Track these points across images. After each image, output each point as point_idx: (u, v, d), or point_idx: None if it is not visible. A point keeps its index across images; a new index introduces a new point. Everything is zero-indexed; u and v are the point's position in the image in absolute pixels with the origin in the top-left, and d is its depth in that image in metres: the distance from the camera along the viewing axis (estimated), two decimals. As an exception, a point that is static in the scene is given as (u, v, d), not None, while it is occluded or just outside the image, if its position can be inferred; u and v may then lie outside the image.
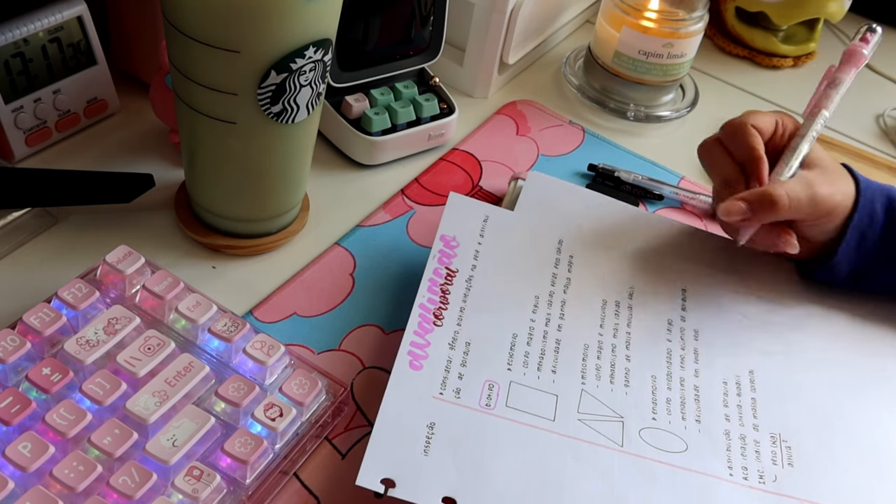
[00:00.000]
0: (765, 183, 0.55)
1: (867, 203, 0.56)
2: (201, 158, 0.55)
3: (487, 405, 0.48)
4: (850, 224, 0.56)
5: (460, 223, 0.59)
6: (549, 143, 0.74)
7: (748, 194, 0.54)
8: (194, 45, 0.48)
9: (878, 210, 0.56)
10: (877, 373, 0.56)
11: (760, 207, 0.53)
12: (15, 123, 0.60)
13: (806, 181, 0.55)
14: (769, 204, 0.53)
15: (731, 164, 0.56)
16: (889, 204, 0.57)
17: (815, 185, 0.54)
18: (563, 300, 0.56)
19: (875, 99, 0.87)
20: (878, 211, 0.56)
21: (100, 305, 0.50)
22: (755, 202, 0.53)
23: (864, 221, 0.56)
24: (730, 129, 0.56)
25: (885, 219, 0.57)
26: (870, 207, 0.56)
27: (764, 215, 0.53)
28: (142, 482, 0.42)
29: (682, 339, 0.56)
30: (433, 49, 0.69)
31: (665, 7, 0.74)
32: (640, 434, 0.49)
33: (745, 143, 0.55)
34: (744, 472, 0.48)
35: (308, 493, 0.47)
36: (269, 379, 0.49)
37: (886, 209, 0.57)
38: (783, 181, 0.55)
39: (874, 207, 0.56)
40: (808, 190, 0.54)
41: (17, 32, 0.59)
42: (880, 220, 0.56)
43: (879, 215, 0.56)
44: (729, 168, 0.56)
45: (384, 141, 0.66)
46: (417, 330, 0.51)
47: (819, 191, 0.54)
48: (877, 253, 0.57)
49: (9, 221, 0.57)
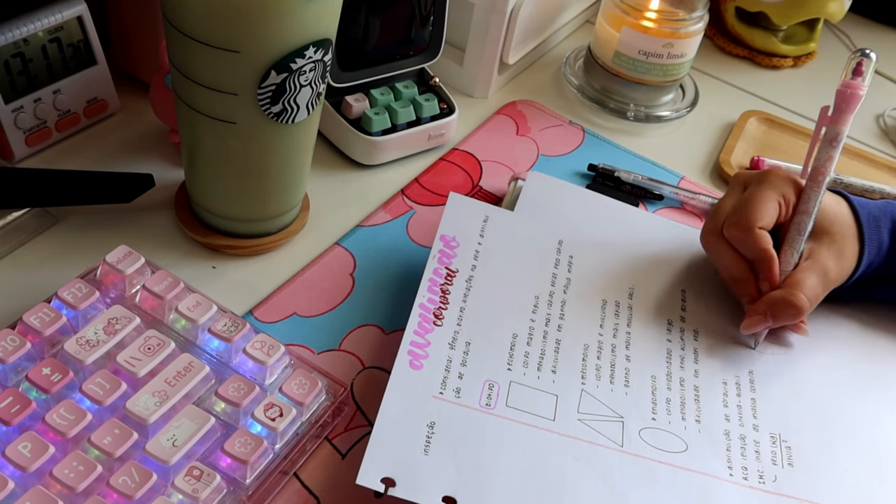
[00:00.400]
0: (776, 281, 0.54)
1: (873, 235, 0.56)
2: (201, 158, 0.55)
3: (487, 405, 0.48)
4: (860, 264, 0.55)
5: (460, 223, 0.59)
6: (549, 143, 0.74)
7: (767, 305, 0.53)
8: (194, 45, 0.48)
9: (885, 237, 0.56)
10: (877, 373, 0.56)
11: (783, 315, 0.53)
12: (15, 123, 0.60)
13: (818, 270, 0.54)
14: (792, 313, 0.53)
15: (740, 263, 0.55)
16: (894, 228, 0.56)
17: (828, 270, 0.54)
18: (563, 300, 0.56)
19: (875, 99, 0.87)
20: (885, 238, 0.56)
21: (100, 305, 0.50)
22: (777, 311, 0.53)
23: (873, 253, 0.56)
24: (736, 232, 0.54)
25: (890, 242, 0.56)
26: (877, 238, 0.56)
27: (786, 321, 0.54)
28: (142, 482, 0.42)
29: (682, 339, 0.56)
30: (433, 49, 0.69)
31: (665, 7, 0.74)
32: (640, 434, 0.49)
33: (755, 247, 0.54)
34: (744, 472, 0.48)
35: (308, 493, 0.47)
36: (269, 379, 0.49)
37: (892, 233, 0.56)
38: (799, 281, 0.53)
39: (881, 237, 0.56)
40: (823, 280, 0.54)
41: (17, 32, 0.59)
42: (886, 244, 0.56)
43: (885, 241, 0.56)
44: (737, 267, 0.55)
45: (384, 141, 0.66)
46: (417, 330, 0.51)
47: (832, 274, 0.54)
48: (879, 273, 0.57)
49: (9, 221, 0.57)
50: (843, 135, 0.56)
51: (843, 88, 0.55)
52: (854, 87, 0.55)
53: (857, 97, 0.55)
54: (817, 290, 0.54)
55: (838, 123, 0.56)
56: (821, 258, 0.54)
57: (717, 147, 0.77)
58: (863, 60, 0.56)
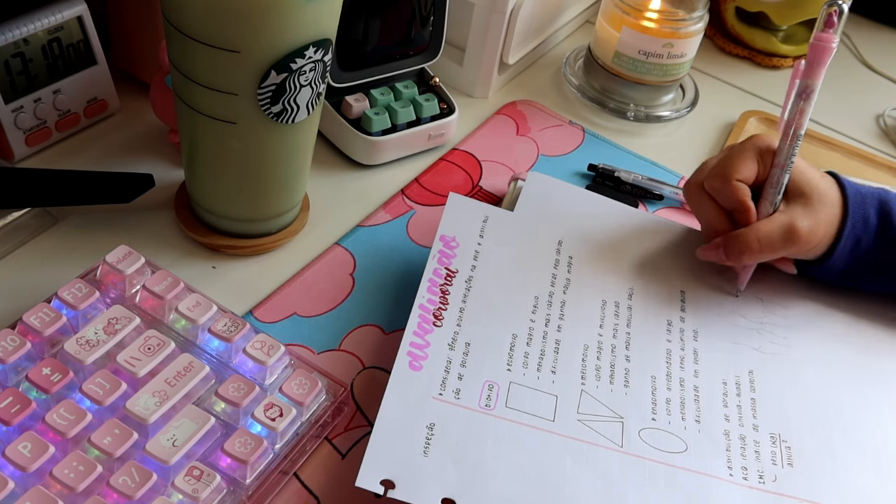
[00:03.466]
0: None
1: (858, 209, 0.57)
2: (201, 158, 0.55)
3: (487, 406, 0.48)
4: (844, 232, 0.56)
5: (460, 223, 0.59)
6: (549, 143, 0.74)
7: (724, 238, 0.56)
8: (194, 45, 0.48)
9: (872, 215, 0.57)
10: (877, 373, 0.56)
11: (732, 250, 0.56)
12: (15, 123, 0.60)
13: (782, 221, 0.55)
14: (739, 248, 0.55)
15: (719, 213, 0.57)
16: (881, 207, 0.57)
17: (796, 222, 0.55)
18: (562, 301, 0.56)
19: (875, 99, 0.87)
20: (872, 216, 0.57)
21: (100, 305, 0.50)
22: (728, 244, 0.56)
23: (858, 227, 0.56)
24: (715, 183, 0.56)
25: (878, 223, 0.57)
26: (862, 213, 0.57)
27: (735, 258, 0.56)
28: (142, 482, 0.42)
29: (682, 339, 0.56)
30: (433, 49, 0.69)
31: (665, 7, 0.74)
32: (640, 434, 0.49)
33: (732, 196, 0.56)
34: (743, 472, 0.48)
35: (308, 493, 0.47)
36: (269, 379, 0.49)
37: (880, 213, 0.57)
38: (759, 225, 0.55)
39: (867, 212, 0.57)
40: (785, 231, 0.55)
41: (17, 32, 0.59)
42: (874, 224, 0.57)
43: (873, 220, 0.57)
44: (716, 216, 0.58)
45: (384, 141, 0.66)
46: (417, 330, 0.51)
47: (799, 227, 0.55)
48: (871, 256, 0.57)
49: (9, 221, 0.57)
50: (816, 89, 0.56)
51: (815, 42, 0.55)
52: (825, 41, 0.55)
53: (828, 50, 0.55)
54: (773, 237, 0.55)
55: (810, 77, 0.56)
56: (791, 213, 0.56)
57: (717, 147, 0.77)
58: (833, 11, 0.55)
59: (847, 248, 0.56)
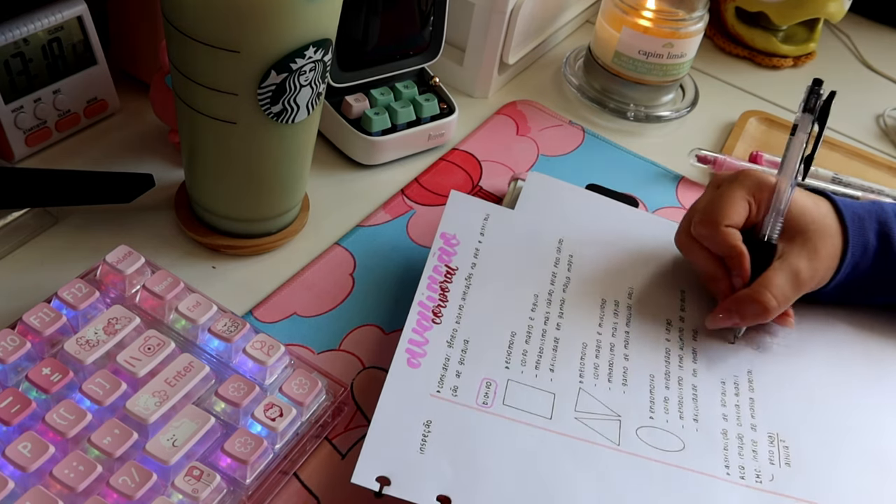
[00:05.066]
0: (747, 277, 0.54)
1: (858, 236, 0.55)
2: (201, 158, 0.55)
3: (484, 403, 0.48)
4: (844, 263, 0.55)
5: (461, 221, 0.59)
6: (549, 143, 0.74)
7: (733, 302, 0.54)
8: (194, 45, 0.48)
9: (871, 239, 0.55)
10: (874, 373, 0.56)
11: (750, 314, 0.53)
12: (15, 123, 0.60)
13: (788, 270, 0.53)
14: (759, 311, 0.53)
15: (712, 261, 0.55)
16: (881, 229, 0.56)
17: (799, 271, 0.53)
18: (562, 299, 0.56)
19: (875, 99, 0.87)
20: (871, 240, 0.55)
21: (100, 305, 0.50)
22: (743, 309, 0.53)
23: (858, 254, 0.55)
24: (703, 230, 0.55)
25: (878, 245, 0.56)
26: (862, 239, 0.55)
27: (754, 319, 0.54)
28: (142, 482, 0.42)
29: (681, 338, 0.56)
30: (433, 49, 0.70)
31: (665, 7, 0.74)
32: (638, 433, 0.49)
33: (722, 243, 0.54)
34: (741, 472, 0.48)
35: (308, 493, 0.47)
36: (269, 379, 0.49)
37: (879, 235, 0.56)
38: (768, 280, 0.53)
39: (866, 238, 0.55)
40: (792, 280, 0.53)
41: (17, 32, 0.59)
42: (873, 247, 0.55)
43: (872, 243, 0.55)
44: (709, 265, 0.56)
45: (384, 141, 0.66)
46: (416, 328, 0.51)
47: (803, 274, 0.53)
48: (867, 276, 0.56)
49: (9, 221, 0.57)
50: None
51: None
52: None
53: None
54: (786, 290, 0.53)
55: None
56: (791, 258, 0.54)
57: (717, 147, 0.77)
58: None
59: (844, 275, 0.56)
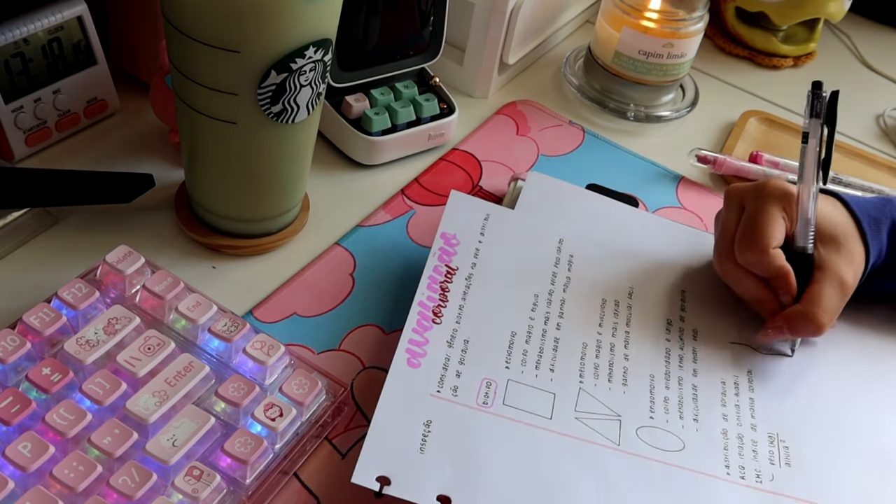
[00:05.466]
0: (794, 293, 0.54)
1: (875, 239, 0.55)
2: (201, 158, 0.55)
3: (484, 403, 0.48)
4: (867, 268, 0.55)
5: (461, 221, 0.59)
6: (549, 143, 0.74)
7: (785, 320, 0.53)
8: (194, 45, 0.48)
9: (884, 239, 0.56)
10: (875, 373, 0.56)
11: (803, 331, 0.53)
12: (15, 123, 0.60)
13: (834, 280, 0.53)
14: (813, 329, 0.53)
15: (759, 285, 0.55)
16: (893, 228, 0.56)
17: (844, 278, 0.53)
18: (562, 299, 0.56)
19: (875, 99, 0.87)
20: (884, 240, 0.56)
21: (100, 305, 0.50)
22: (796, 327, 0.53)
23: (874, 255, 0.56)
24: (751, 258, 0.54)
25: (889, 244, 0.56)
26: (878, 242, 0.56)
27: (807, 335, 0.54)
28: (142, 482, 0.42)
29: (681, 339, 0.56)
30: (433, 49, 0.70)
31: (665, 7, 0.74)
32: (638, 433, 0.49)
33: (770, 267, 0.54)
34: (741, 472, 0.48)
35: (308, 493, 0.47)
36: (269, 379, 0.49)
37: (890, 233, 0.56)
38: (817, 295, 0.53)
39: (881, 240, 0.56)
40: (840, 290, 0.53)
41: (17, 32, 0.59)
42: (885, 245, 0.56)
43: (885, 242, 0.56)
44: (758, 289, 0.55)
45: (384, 141, 0.66)
46: (416, 328, 0.51)
47: (848, 281, 0.53)
48: (877, 270, 0.57)
49: (9, 221, 0.57)
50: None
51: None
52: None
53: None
54: (835, 302, 0.53)
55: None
56: (834, 266, 0.53)
57: (717, 147, 0.77)
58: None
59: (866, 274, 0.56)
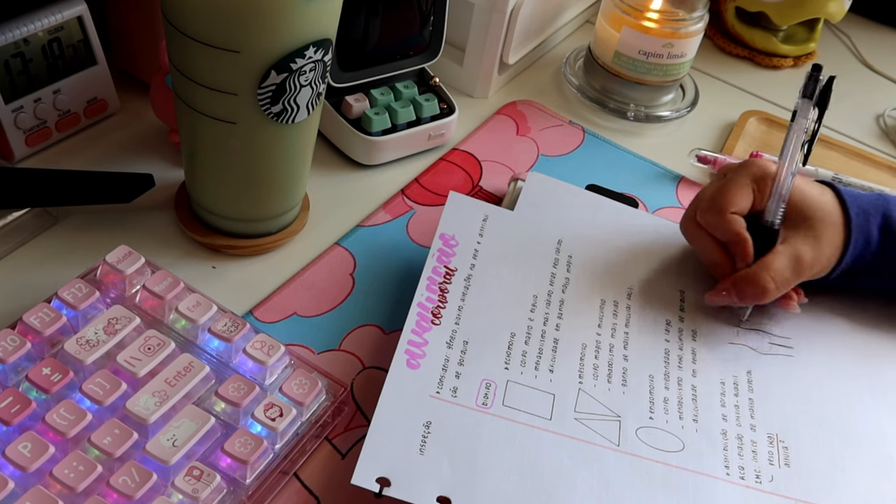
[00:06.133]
0: (749, 263, 0.55)
1: (861, 229, 0.56)
2: (201, 158, 0.55)
3: (484, 404, 0.48)
4: (846, 254, 0.55)
5: (460, 222, 0.59)
6: (549, 143, 0.74)
7: (732, 282, 0.55)
8: (194, 45, 0.48)
9: (874, 233, 0.56)
10: (874, 373, 0.56)
11: (748, 294, 0.54)
12: (15, 123, 0.60)
13: (789, 254, 0.54)
14: (757, 293, 0.54)
15: (716, 246, 0.57)
16: (885, 223, 0.56)
17: (801, 256, 0.54)
18: (561, 300, 0.56)
19: (875, 99, 0.87)
20: (874, 234, 0.56)
21: (100, 305, 0.50)
22: (741, 289, 0.54)
23: (860, 246, 0.56)
24: (709, 217, 0.56)
25: (880, 240, 0.56)
26: (865, 232, 0.56)
27: (752, 300, 0.55)
28: (142, 482, 0.42)
29: (681, 339, 0.56)
30: (433, 49, 0.70)
31: (665, 7, 0.74)
32: (637, 433, 0.49)
33: (727, 230, 0.55)
34: (741, 472, 0.48)
35: (308, 493, 0.47)
36: (269, 379, 0.49)
37: (882, 229, 0.56)
38: (768, 262, 0.54)
39: (869, 232, 0.56)
40: (793, 264, 0.54)
41: (17, 32, 0.59)
42: (875, 241, 0.56)
43: (875, 237, 0.56)
44: (714, 250, 0.57)
45: (384, 141, 0.66)
46: (415, 329, 0.51)
47: (805, 260, 0.54)
48: (873, 267, 0.57)
49: (9, 221, 0.57)
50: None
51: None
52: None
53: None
54: (786, 273, 0.54)
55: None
56: (794, 243, 0.55)
57: (718, 147, 0.77)
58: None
59: (847, 265, 0.56)
